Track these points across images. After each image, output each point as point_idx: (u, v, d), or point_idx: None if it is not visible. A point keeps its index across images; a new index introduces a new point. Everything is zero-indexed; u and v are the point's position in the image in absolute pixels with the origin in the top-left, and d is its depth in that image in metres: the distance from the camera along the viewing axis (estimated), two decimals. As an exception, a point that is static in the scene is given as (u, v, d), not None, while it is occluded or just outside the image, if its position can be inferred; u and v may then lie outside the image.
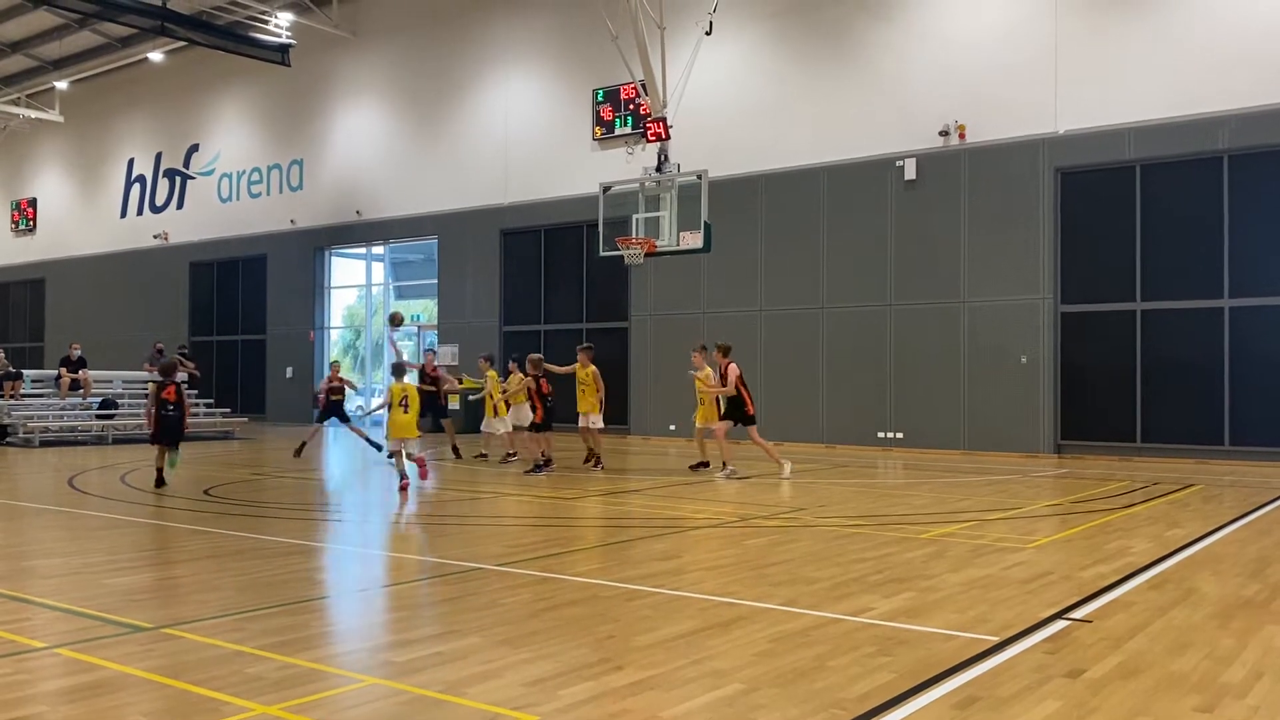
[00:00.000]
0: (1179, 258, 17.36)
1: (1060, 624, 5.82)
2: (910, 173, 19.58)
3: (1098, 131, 17.89)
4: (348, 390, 18.48)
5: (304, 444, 17.61)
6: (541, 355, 15.50)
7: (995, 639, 5.45)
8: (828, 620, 5.88)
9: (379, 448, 16.96)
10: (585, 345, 16.30)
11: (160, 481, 12.60)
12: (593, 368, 15.45)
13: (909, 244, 19.68)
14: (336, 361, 21.90)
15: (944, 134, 19.27)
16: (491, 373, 16.85)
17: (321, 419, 18.21)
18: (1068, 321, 18.27)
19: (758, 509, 10.99)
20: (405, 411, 12.47)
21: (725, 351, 14.36)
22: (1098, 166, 17.98)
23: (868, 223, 20.11)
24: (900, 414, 19.69)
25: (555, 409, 15.23)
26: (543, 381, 14.91)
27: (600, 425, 15.55)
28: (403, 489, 12.31)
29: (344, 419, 18.03)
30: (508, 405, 16.28)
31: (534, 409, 14.91)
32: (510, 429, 16.24)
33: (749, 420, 14.26)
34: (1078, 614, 6.05)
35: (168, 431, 12.66)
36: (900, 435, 19.64)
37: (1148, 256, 17.61)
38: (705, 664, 4.97)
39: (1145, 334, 17.61)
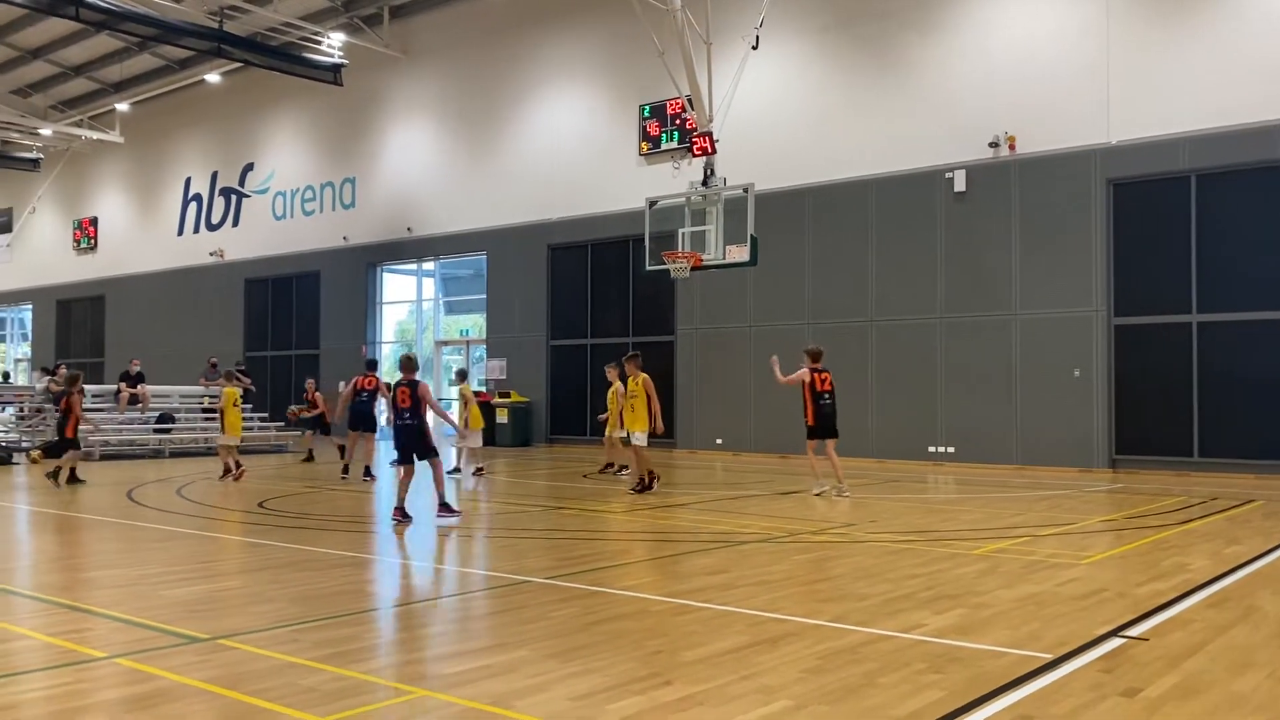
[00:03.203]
0: (1236, 269, 17.01)
1: (1116, 642, 5.72)
2: (960, 184, 19.41)
3: (1152, 142, 17.62)
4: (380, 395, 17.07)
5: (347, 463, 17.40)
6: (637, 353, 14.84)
7: (1049, 656, 5.37)
8: (878, 637, 5.83)
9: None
10: (633, 353, 15.06)
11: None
12: (644, 375, 14.35)
13: (959, 256, 19.50)
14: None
15: (994, 145, 19.09)
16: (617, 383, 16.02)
17: (353, 427, 17.01)
18: (1122, 334, 17.98)
19: (807, 524, 10.93)
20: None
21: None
22: (1152, 177, 17.69)
23: (917, 235, 19.96)
24: (951, 428, 19.48)
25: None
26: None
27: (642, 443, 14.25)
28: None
29: (370, 428, 16.99)
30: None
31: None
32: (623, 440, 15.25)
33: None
34: (1134, 632, 5.95)
35: None
36: (951, 450, 19.42)
37: (1204, 268, 17.28)
38: (754, 680, 4.95)
39: (1202, 346, 17.26)
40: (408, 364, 11.40)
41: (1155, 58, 17.66)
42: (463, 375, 17.62)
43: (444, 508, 11.12)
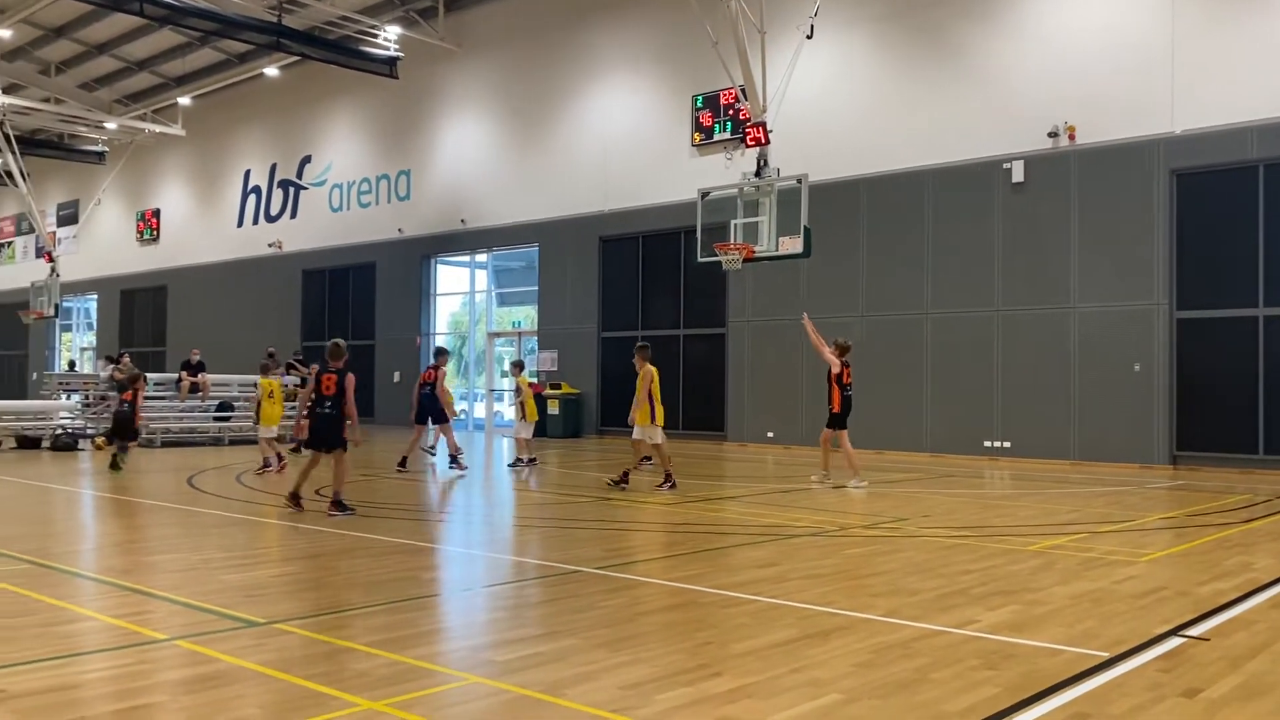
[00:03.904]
0: (1306, 261, 16.57)
1: (1175, 641, 5.61)
2: (1018, 175, 19.10)
3: (1217, 131, 17.19)
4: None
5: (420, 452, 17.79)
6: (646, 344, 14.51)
7: (1106, 655, 5.28)
8: (930, 632, 5.78)
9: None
10: (641, 344, 14.38)
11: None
12: (650, 368, 13.61)
13: (1017, 248, 19.19)
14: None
15: (1053, 135, 18.75)
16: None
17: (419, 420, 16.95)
18: (1184, 328, 17.59)
19: (859, 518, 10.85)
20: None
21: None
22: (1217, 167, 17.26)
23: (974, 226, 19.68)
24: (1007, 423, 19.20)
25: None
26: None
27: (645, 438, 13.59)
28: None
29: (439, 419, 16.83)
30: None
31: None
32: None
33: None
34: (1194, 631, 5.83)
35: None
36: (1007, 444, 19.15)
37: (1271, 260, 16.82)
38: (804, 673, 4.93)
39: (1268, 340, 16.82)
40: (336, 351, 10.94)
41: (1222, 43, 17.22)
42: (520, 366, 17.66)
43: (336, 505, 10.56)
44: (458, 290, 31.09)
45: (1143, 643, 5.54)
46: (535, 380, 26.02)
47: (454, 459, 16.23)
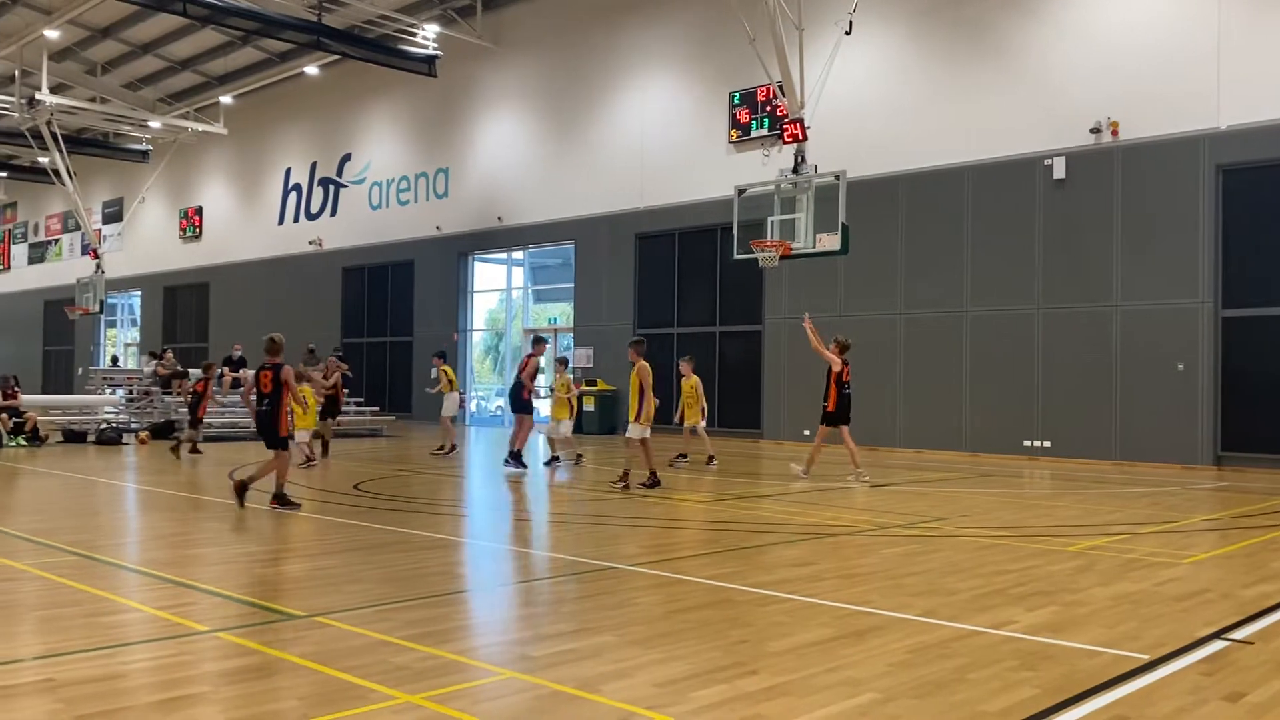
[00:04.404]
0: (1356, 258, 16.23)
1: (1218, 644, 5.53)
2: (1059, 171, 18.87)
3: (1265, 126, 16.88)
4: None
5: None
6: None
7: (1146, 657, 5.22)
8: (968, 632, 5.73)
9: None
10: (635, 338, 14.02)
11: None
12: (643, 363, 13.21)
13: (1058, 245, 18.97)
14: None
15: (1095, 131, 18.51)
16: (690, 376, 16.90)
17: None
18: (1230, 326, 17.30)
19: (896, 517, 10.78)
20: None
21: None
22: (1265, 163, 16.94)
23: (1014, 223, 19.48)
24: (1048, 422, 18.99)
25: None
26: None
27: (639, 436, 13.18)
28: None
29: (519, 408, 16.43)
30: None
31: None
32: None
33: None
34: (1238, 635, 5.74)
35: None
36: (1048, 444, 18.94)
37: (1321, 257, 16.52)
38: (840, 672, 4.91)
39: (1317, 340, 16.52)
40: (272, 346, 10.82)
41: (1269, 36, 16.90)
42: (564, 363, 17.81)
43: (279, 499, 10.56)
44: (494, 287, 31.24)
45: (1185, 645, 5.47)
46: (572, 377, 26.10)
47: (516, 455, 15.31)
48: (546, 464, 16.57)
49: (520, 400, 15.79)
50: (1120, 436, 18.12)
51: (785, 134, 17.07)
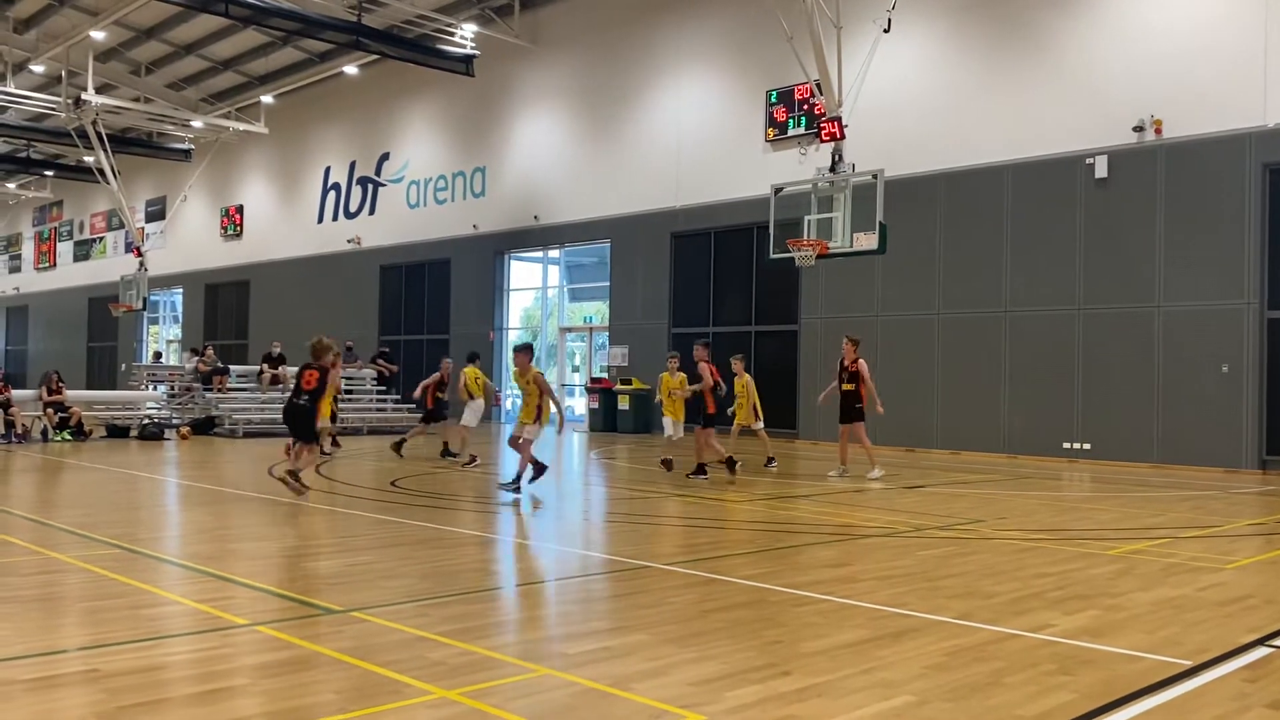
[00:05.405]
0: None
1: (1262, 651, 5.44)
2: (1101, 170, 18.63)
3: (1313, 123, 16.58)
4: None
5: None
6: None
7: (1188, 663, 5.14)
8: (1005, 635, 5.68)
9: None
10: (523, 344, 13.78)
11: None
12: (535, 372, 12.43)
13: (1099, 245, 18.73)
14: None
15: (1138, 129, 18.25)
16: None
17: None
18: (1276, 328, 16.99)
19: (932, 519, 10.70)
20: None
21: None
22: (1313, 161, 16.65)
23: (1055, 223, 19.25)
24: (1088, 424, 18.76)
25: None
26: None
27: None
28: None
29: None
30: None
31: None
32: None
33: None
34: (1283, 642, 5.65)
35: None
36: (1088, 446, 18.71)
37: (1371, 258, 16.19)
38: (875, 674, 4.89)
39: (1367, 342, 16.19)
40: (321, 348, 11.48)
41: (1319, 34, 16.59)
42: (677, 359, 15.44)
43: (294, 475, 11.20)
44: (530, 286, 31.36)
45: (1227, 651, 5.39)
46: (605, 375, 26.14)
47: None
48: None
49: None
50: (1162, 439, 17.86)
51: (822, 132, 16.98)
